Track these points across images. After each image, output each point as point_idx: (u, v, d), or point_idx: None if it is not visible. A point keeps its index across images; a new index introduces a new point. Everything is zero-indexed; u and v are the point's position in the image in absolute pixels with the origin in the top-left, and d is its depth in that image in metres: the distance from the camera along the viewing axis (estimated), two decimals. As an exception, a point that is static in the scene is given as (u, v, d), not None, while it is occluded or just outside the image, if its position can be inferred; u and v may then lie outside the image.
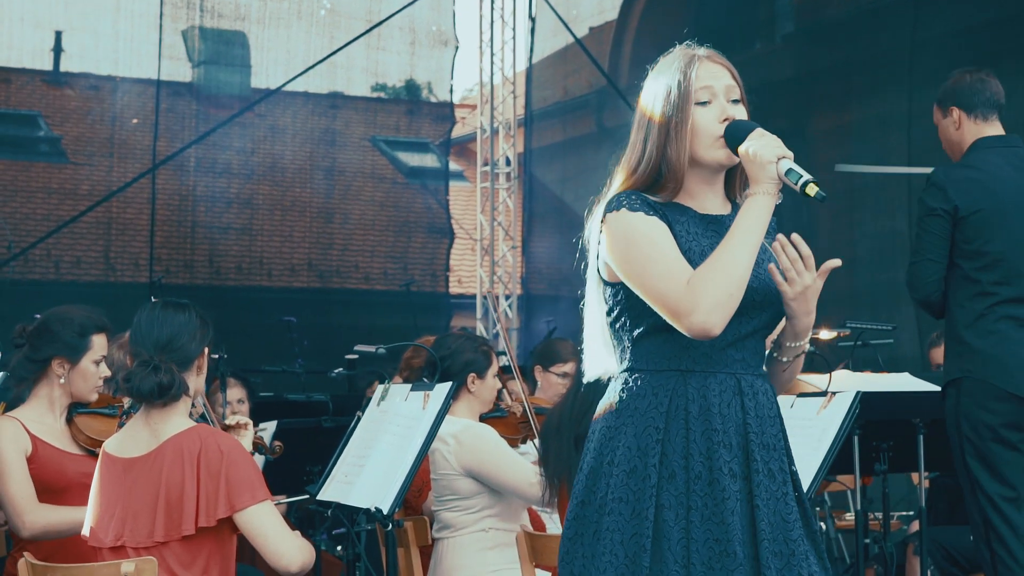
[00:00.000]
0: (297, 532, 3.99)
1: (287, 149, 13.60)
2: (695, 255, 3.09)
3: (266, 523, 3.89)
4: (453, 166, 15.36)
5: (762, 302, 3.13)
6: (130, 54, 12.68)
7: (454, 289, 14.60)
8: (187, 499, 3.85)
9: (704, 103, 3.15)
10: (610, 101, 13.99)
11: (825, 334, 6.02)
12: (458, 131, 15.75)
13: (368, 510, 4.43)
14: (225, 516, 3.86)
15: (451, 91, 14.02)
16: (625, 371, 3.17)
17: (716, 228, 3.17)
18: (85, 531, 4.05)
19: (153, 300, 4.17)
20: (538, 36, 14.07)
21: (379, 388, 4.86)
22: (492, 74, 13.52)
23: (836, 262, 3.09)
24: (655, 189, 3.18)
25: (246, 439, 4.47)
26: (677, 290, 3.00)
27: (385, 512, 4.39)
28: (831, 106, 11.94)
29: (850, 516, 7.77)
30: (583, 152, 14.13)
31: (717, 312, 2.97)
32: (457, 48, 13.68)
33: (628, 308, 3.14)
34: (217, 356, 9.15)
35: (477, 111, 13.96)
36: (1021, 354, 5.00)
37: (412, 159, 14.43)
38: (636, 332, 3.14)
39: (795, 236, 3.07)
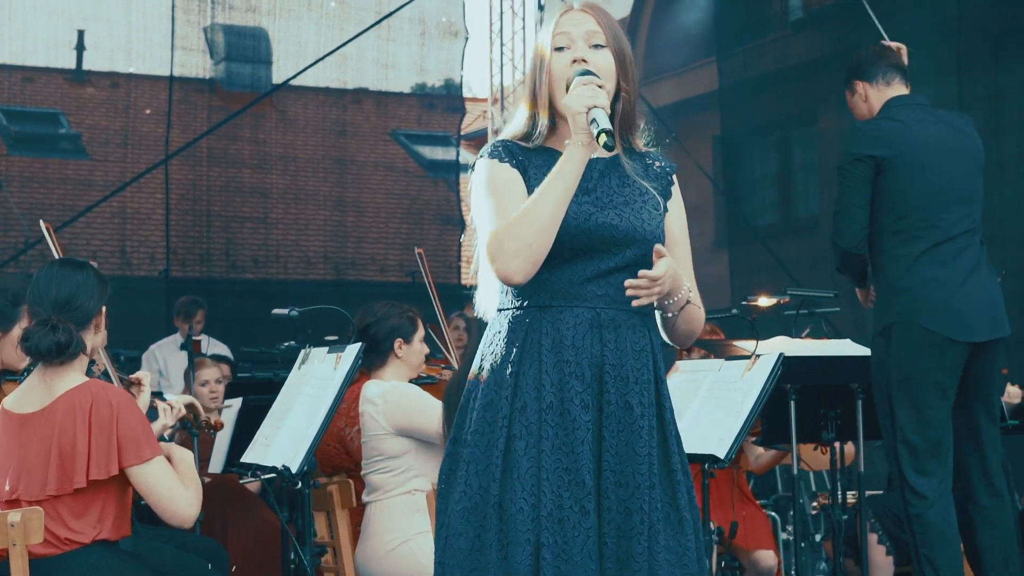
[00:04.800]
0: (187, 484, 4.05)
1: (304, 142, 13.70)
2: None
3: (155, 481, 3.97)
4: (472, 157, 15.39)
5: (623, 240, 3.16)
6: (150, 50, 12.83)
7: (468, 280, 14.64)
8: (79, 453, 3.92)
9: (561, 49, 3.21)
10: (624, 92, 13.95)
11: (764, 301, 6.02)
12: (480, 124, 15.78)
13: (276, 469, 4.49)
14: (117, 472, 3.93)
15: (461, 82, 14.07)
16: (497, 310, 3.24)
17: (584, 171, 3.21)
18: None
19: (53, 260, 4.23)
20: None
21: (301, 353, 4.92)
22: (502, 65, 13.54)
23: (660, 248, 3.08)
24: (530, 136, 3.26)
25: (142, 398, 4.52)
26: (489, 237, 3.08)
27: (293, 471, 4.44)
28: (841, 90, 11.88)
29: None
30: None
31: (516, 260, 3.02)
32: (467, 39, 13.73)
33: None
34: (198, 339, 9.31)
35: (487, 102, 13.99)
36: (952, 298, 5.05)
37: (429, 152, 14.49)
38: None
39: (642, 272, 3.06)
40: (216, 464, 6.73)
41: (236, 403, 7.05)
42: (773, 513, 7.43)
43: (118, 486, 4.01)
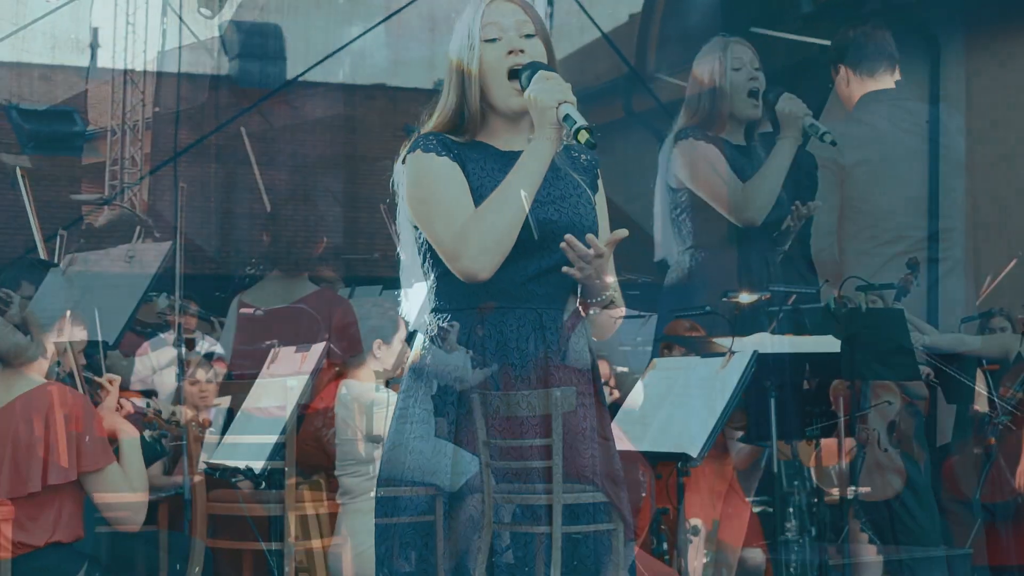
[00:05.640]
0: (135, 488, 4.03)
1: (315, 139, 13.69)
2: (488, 192, 3.05)
3: (107, 488, 4.01)
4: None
5: (563, 236, 3.05)
6: (162, 47, 12.86)
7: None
8: (34, 456, 3.90)
9: (492, 40, 3.14)
10: (639, 85, 13.89)
11: (745, 297, 5.94)
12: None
13: (239, 469, 4.47)
14: (75, 477, 3.91)
15: (468, 78, 14.02)
16: (431, 312, 3.16)
17: None
18: None
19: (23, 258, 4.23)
20: (557, 21, 13.96)
21: (271, 352, 4.90)
22: (512, 60, 13.47)
23: (623, 232, 3.03)
24: (459, 130, 3.17)
25: (108, 400, 4.50)
26: (449, 234, 3.00)
27: (256, 471, 4.42)
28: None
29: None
30: (610, 138, 14.03)
31: (484, 257, 2.96)
32: (476, 35, 13.66)
33: (429, 248, 3.12)
34: (191, 336, 9.29)
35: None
36: (918, 308, 4.96)
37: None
38: (437, 272, 3.12)
39: (589, 237, 3.01)
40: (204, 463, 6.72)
41: (224, 401, 7.05)
42: (772, 511, 7.36)
43: (74, 489, 3.99)
